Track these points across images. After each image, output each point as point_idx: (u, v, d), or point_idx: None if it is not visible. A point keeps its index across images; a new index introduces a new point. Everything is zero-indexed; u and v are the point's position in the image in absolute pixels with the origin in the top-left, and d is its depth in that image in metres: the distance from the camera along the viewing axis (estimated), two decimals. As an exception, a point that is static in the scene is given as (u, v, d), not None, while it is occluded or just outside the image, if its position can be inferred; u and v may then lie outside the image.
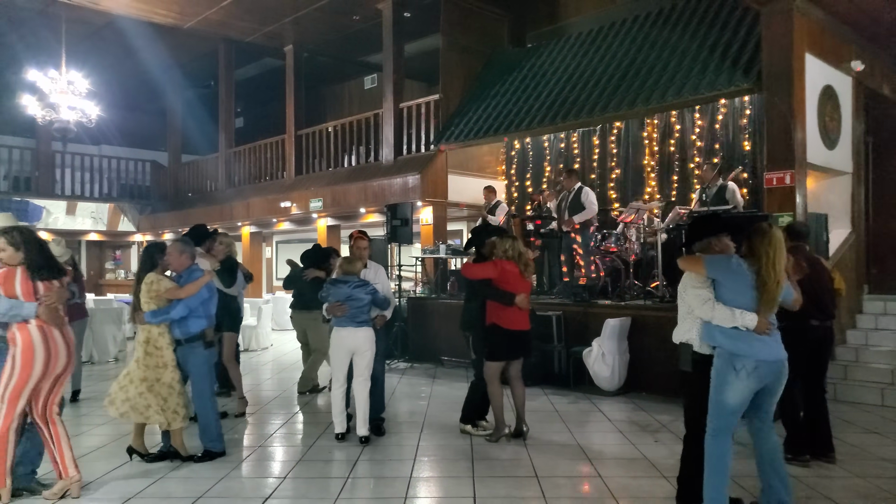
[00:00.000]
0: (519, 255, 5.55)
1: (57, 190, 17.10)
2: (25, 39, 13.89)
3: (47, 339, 4.07)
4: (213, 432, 5.14)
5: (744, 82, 7.95)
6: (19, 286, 4.04)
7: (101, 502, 4.25)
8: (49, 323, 4.07)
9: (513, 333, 5.52)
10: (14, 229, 4.17)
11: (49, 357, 4.07)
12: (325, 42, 14.46)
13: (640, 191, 10.60)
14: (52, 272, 4.18)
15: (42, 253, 4.18)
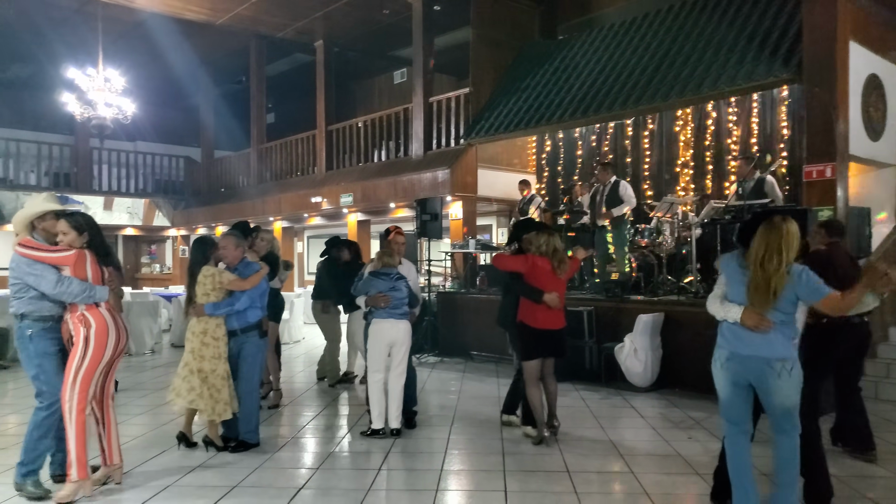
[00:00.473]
0: (553, 252, 5.31)
1: (95, 186, 17.45)
2: (64, 38, 14.19)
3: (116, 322, 4.17)
4: (252, 422, 5.19)
5: (783, 72, 7.77)
6: (90, 270, 4.10)
7: (138, 490, 4.32)
8: (114, 307, 4.20)
9: (540, 332, 5.31)
10: (76, 213, 4.21)
11: (118, 339, 4.18)
12: (355, 37, 14.50)
13: (674, 185, 10.45)
14: (111, 258, 4.31)
15: (103, 238, 4.28)
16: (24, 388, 7.91)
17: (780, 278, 3.45)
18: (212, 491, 4.29)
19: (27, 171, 16.60)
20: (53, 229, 4.14)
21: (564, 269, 5.38)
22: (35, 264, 4.04)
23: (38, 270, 4.02)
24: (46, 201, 4.27)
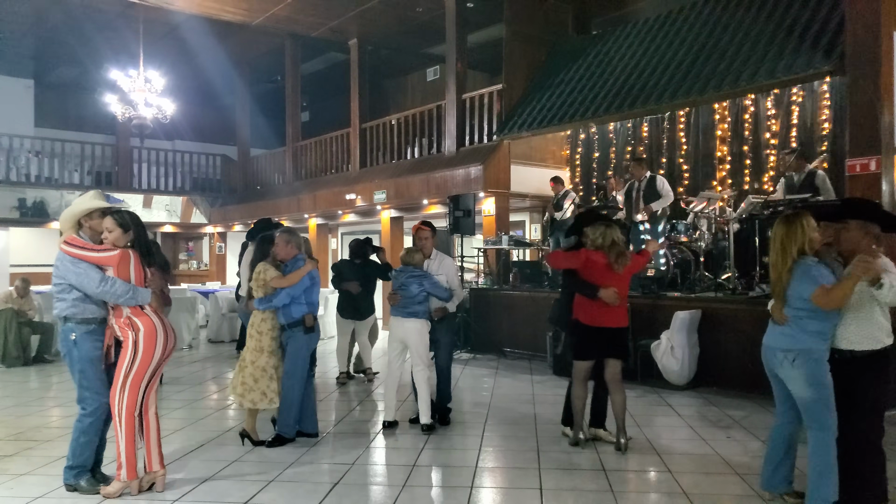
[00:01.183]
0: (611, 245, 4.95)
1: (134, 184, 17.81)
2: (107, 41, 14.52)
3: (164, 325, 4.10)
4: (290, 417, 5.22)
5: (824, 64, 7.59)
6: (133, 270, 3.99)
7: (176, 484, 4.40)
8: (158, 309, 4.12)
9: (593, 330, 4.99)
10: (122, 210, 4.12)
11: (166, 342, 4.10)
12: (389, 35, 14.55)
13: (711, 180, 10.29)
14: (155, 258, 4.23)
15: (147, 237, 4.20)
16: (68, 381, 8.11)
17: (785, 273, 3.63)
18: (249, 485, 4.36)
19: (71, 170, 17.02)
20: (100, 227, 4.07)
21: (623, 263, 4.95)
22: (80, 263, 3.97)
23: (83, 269, 3.96)
24: (93, 198, 4.17)
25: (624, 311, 5.14)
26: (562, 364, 8.13)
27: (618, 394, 5.08)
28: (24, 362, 9.36)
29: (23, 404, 6.95)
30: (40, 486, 4.32)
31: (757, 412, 6.35)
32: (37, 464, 4.80)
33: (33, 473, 4.59)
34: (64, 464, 4.22)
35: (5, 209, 15.96)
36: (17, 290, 9.77)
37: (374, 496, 4.23)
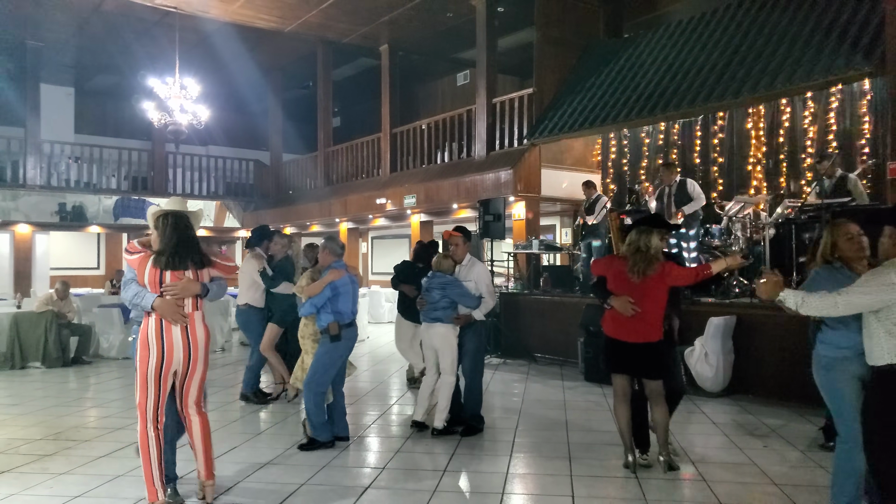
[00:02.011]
0: (634, 252, 4.56)
1: (170, 189, 18.14)
2: (145, 48, 14.86)
3: (162, 334, 3.77)
4: (312, 420, 5.27)
5: (865, 65, 7.44)
6: (147, 274, 3.81)
7: (212, 484, 4.46)
8: (164, 316, 3.77)
9: (615, 343, 4.67)
10: (168, 214, 3.90)
11: (163, 353, 3.77)
12: (419, 40, 14.62)
13: (746, 184, 10.13)
14: (183, 261, 3.85)
15: (179, 241, 3.86)
16: (105, 382, 8.31)
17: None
18: (280, 488, 4.39)
19: (108, 175, 17.42)
20: None
21: (641, 272, 4.50)
22: (130, 267, 3.95)
23: (128, 273, 3.96)
24: (170, 203, 4.05)
25: (648, 326, 4.58)
26: (594, 370, 8.06)
27: (657, 412, 4.70)
28: (63, 363, 9.57)
29: (62, 404, 7.10)
30: (79, 485, 4.41)
31: (794, 421, 6.21)
32: (76, 463, 4.90)
33: (72, 473, 4.69)
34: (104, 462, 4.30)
35: (46, 214, 16.39)
36: (57, 293, 10.00)
37: (405, 501, 4.23)
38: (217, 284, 4.04)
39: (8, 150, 15.72)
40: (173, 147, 16.99)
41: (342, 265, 5.36)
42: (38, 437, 5.65)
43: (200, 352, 3.88)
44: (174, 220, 3.89)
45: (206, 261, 3.95)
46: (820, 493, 4.25)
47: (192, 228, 3.96)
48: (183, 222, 3.92)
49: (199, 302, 3.92)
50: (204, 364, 3.94)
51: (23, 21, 13.90)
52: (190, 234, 3.92)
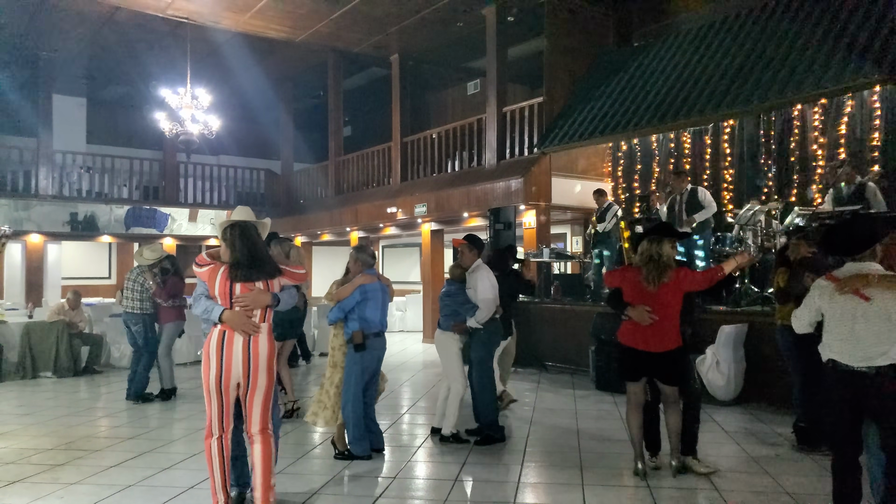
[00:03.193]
0: (647, 261, 4.62)
1: (181, 198, 18.25)
2: (156, 59, 14.99)
3: (223, 348, 3.68)
4: (350, 433, 5.18)
5: (875, 73, 7.40)
6: (218, 287, 3.73)
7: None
8: (235, 328, 3.69)
9: (628, 351, 4.74)
10: (235, 226, 3.83)
11: (221, 366, 3.68)
12: (430, 49, 14.68)
13: (757, 192, 10.08)
14: (253, 273, 3.75)
15: (250, 253, 3.78)
16: (116, 392, 8.35)
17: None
18: (293, 497, 4.39)
19: (120, 184, 17.53)
20: None
21: (656, 280, 4.56)
22: (200, 281, 3.86)
23: (199, 288, 3.87)
24: (237, 213, 3.95)
25: (665, 334, 4.62)
26: (605, 379, 8.02)
27: (671, 416, 4.76)
28: (74, 373, 9.62)
29: (73, 414, 7.13)
30: (90, 495, 4.43)
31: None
32: (86, 473, 4.92)
33: (83, 483, 4.70)
34: (115, 472, 4.31)
35: (58, 223, 16.50)
36: (68, 303, 10.06)
37: (416, 510, 4.22)
38: (287, 293, 3.95)
39: (20, 160, 15.85)
40: (184, 157, 17.09)
41: (374, 273, 5.29)
42: (49, 447, 5.68)
43: (262, 366, 3.72)
44: (241, 230, 3.81)
45: (276, 270, 3.85)
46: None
47: (260, 238, 3.88)
48: (251, 232, 3.84)
49: (267, 314, 3.80)
50: (267, 380, 3.74)
51: (36, 32, 14.06)
52: (259, 245, 3.84)
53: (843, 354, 3.57)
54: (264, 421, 3.77)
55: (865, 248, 3.61)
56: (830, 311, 3.65)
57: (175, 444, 5.81)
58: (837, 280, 3.63)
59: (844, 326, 3.57)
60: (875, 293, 3.48)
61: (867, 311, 3.50)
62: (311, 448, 5.41)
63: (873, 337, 3.47)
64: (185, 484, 4.63)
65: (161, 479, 4.78)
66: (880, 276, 3.51)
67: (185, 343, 10.82)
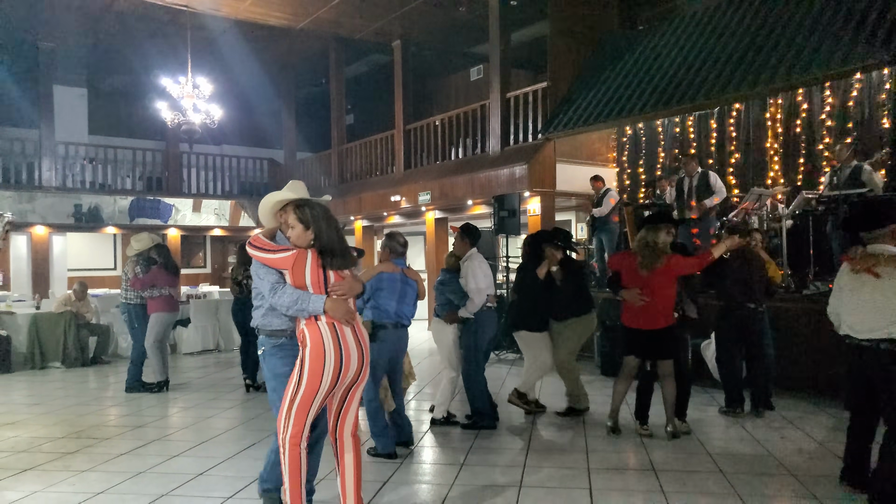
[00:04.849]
0: (643, 247, 5.18)
1: (184, 189, 18.24)
2: (157, 48, 14.94)
3: (339, 340, 3.28)
4: (370, 428, 5.05)
5: (884, 55, 7.32)
6: (309, 274, 3.31)
7: (228, 481, 4.50)
8: (339, 320, 3.29)
9: (630, 330, 5.36)
10: (307, 203, 3.43)
11: (341, 361, 3.27)
12: (432, 35, 14.61)
13: (763, 175, 10.04)
14: (345, 260, 3.40)
15: (340, 237, 3.41)
16: (124, 382, 8.38)
17: None
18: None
19: (123, 175, 17.51)
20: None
21: (649, 265, 5.11)
22: (261, 266, 3.45)
23: (263, 273, 3.43)
24: (288, 190, 3.58)
25: (658, 314, 5.18)
26: (610, 364, 8.03)
27: (667, 388, 5.34)
28: (82, 363, 9.68)
29: (83, 403, 7.18)
30: (101, 482, 4.46)
31: (811, 412, 6.18)
32: (98, 461, 4.95)
33: (94, 470, 4.74)
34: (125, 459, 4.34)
35: (62, 215, 16.54)
36: (75, 294, 10.11)
37: (423, 495, 4.24)
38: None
39: (23, 152, 15.85)
40: (187, 147, 17.07)
41: (402, 264, 5.10)
42: (59, 436, 5.72)
43: (367, 357, 3.40)
44: (325, 211, 3.43)
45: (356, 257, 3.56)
46: (835, 484, 4.22)
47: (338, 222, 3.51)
48: (330, 213, 3.48)
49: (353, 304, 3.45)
50: (367, 372, 3.42)
51: (35, 22, 14.03)
52: (341, 229, 3.48)
53: (853, 328, 3.90)
54: (356, 421, 3.44)
55: (877, 226, 3.91)
56: (847, 289, 4.00)
57: (184, 433, 5.85)
58: (852, 260, 3.99)
59: (855, 302, 3.90)
60: (885, 271, 3.77)
61: (876, 287, 3.80)
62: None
63: (878, 312, 3.76)
64: (195, 471, 4.67)
65: (171, 466, 4.82)
66: (889, 256, 3.79)
67: (192, 333, 10.88)
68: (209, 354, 10.57)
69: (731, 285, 6.09)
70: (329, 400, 3.35)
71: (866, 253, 3.90)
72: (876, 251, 3.86)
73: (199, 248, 20.78)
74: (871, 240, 3.93)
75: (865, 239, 3.98)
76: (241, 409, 6.78)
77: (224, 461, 4.91)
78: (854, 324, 3.90)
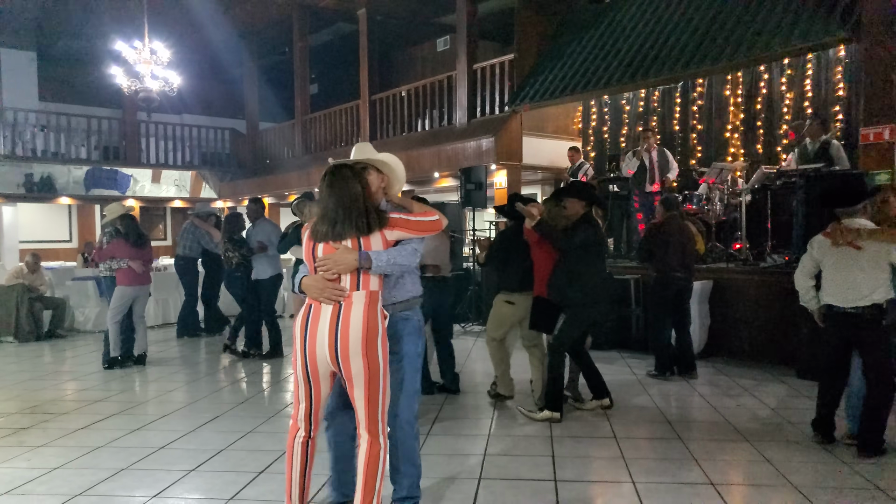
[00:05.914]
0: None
1: (143, 159, 17.76)
2: (110, 11, 14.39)
3: (307, 323, 2.91)
4: None
5: (840, 31, 7.44)
6: (304, 248, 3.03)
7: (190, 453, 4.47)
8: (312, 297, 2.92)
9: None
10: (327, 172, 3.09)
11: (305, 346, 2.90)
12: (398, 4, 14.36)
13: (724, 150, 10.20)
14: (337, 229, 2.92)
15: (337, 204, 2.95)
16: (82, 356, 8.24)
17: None
18: (264, 455, 4.41)
19: (77, 144, 16.91)
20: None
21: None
22: None
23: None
24: (356, 151, 3.29)
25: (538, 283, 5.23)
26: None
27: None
28: (37, 337, 9.44)
29: (37, 378, 7.02)
30: (58, 457, 4.37)
31: (767, 381, 6.36)
32: (53, 436, 4.85)
33: (50, 445, 4.64)
34: (83, 434, 4.25)
35: (12, 185, 15.94)
36: (27, 266, 9.83)
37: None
38: (399, 250, 2.98)
39: (-31, 118, 15.24)
40: (145, 115, 16.60)
41: None
42: (13, 411, 5.59)
43: (354, 348, 2.82)
44: (331, 176, 3.02)
45: (376, 221, 2.95)
46: (788, 448, 4.41)
47: (354, 183, 2.99)
48: (343, 176, 3.01)
49: (361, 279, 2.89)
50: (365, 366, 2.83)
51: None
52: (353, 192, 2.95)
53: (838, 298, 4.25)
54: (372, 420, 2.90)
55: (857, 202, 4.30)
56: (828, 263, 4.31)
57: (145, 406, 5.77)
58: (831, 235, 4.27)
59: (840, 274, 4.24)
60: (865, 244, 4.13)
61: (859, 259, 4.15)
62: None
63: (862, 282, 4.15)
64: (157, 444, 4.61)
65: (131, 440, 4.75)
66: (870, 230, 4.17)
67: (152, 306, 10.68)
68: (170, 328, 10.41)
69: (671, 256, 6.37)
70: (315, 387, 2.94)
71: (846, 228, 4.20)
72: (854, 225, 4.20)
73: (160, 220, 20.35)
74: (846, 215, 4.27)
75: (841, 214, 4.30)
76: (204, 383, 6.71)
77: (186, 434, 4.86)
78: (839, 295, 4.24)
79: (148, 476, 4.02)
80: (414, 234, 3.04)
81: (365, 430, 2.90)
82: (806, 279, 4.47)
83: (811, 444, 4.47)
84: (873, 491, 3.68)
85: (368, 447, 2.89)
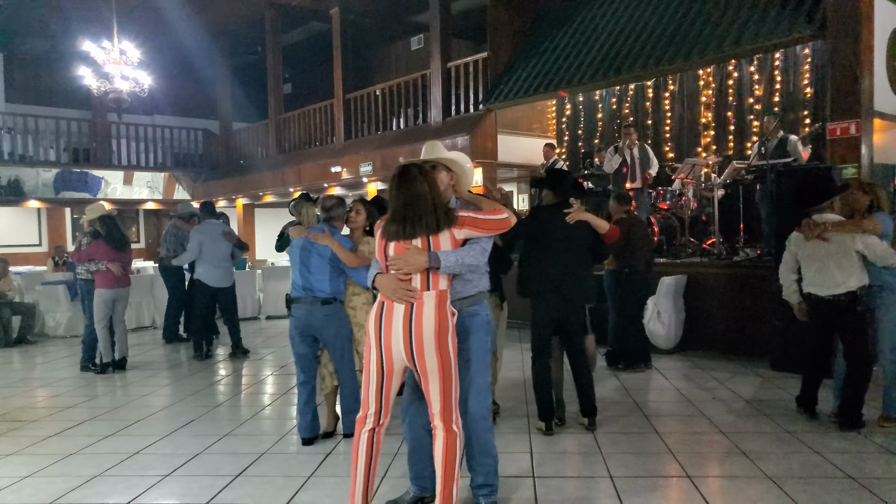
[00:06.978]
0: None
1: (114, 161, 17.50)
2: (78, 11, 14.14)
3: (381, 319, 3.01)
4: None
5: (807, 28, 7.55)
6: (376, 247, 3.15)
7: (166, 458, 4.41)
8: (386, 296, 3.01)
9: None
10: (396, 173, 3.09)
11: (380, 341, 3.01)
12: (371, 2, 14.31)
13: (696, 146, 10.31)
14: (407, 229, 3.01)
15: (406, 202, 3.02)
16: (53, 361, 8.10)
17: None
18: (242, 458, 4.37)
19: (46, 146, 16.61)
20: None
21: None
22: None
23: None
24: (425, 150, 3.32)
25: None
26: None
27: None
28: (6, 343, 9.25)
29: (7, 385, 6.88)
30: (29, 465, 4.30)
31: (741, 374, 6.45)
32: (23, 444, 4.76)
33: (20, 453, 4.56)
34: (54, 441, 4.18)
35: (-22, 188, 15.66)
36: (-4, 270, 9.62)
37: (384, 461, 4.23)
38: (468, 250, 3.04)
39: (-66, 120, 14.89)
40: (116, 117, 16.34)
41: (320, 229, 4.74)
42: (-17, 418, 5.48)
43: (428, 345, 2.94)
44: (399, 175, 3.07)
45: (445, 220, 3.00)
46: (763, 438, 4.48)
47: (422, 182, 3.03)
48: (410, 175, 3.04)
49: (431, 279, 2.98)
50: (439, 362, 2.95)
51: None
52: (423, 191, 3.00)
53: (816, 286, 4.65)
54: (446, 412, 3.01)
55: (825, 200, 4.67)
56: (803, 256, 4.73)
57: (118, 412, 5.68)
58: (803, 230, 4.65)
59: (815, 265, 4.64)
60: (832, 236, 4.52)
61: (828, 250, 4.54)
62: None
63: (835, 271, 4.52)
64: (131, 450, 4.55)
65: (104, 446, 4.68)
66: (834, 223, 4.55)
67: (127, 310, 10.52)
68: (144, 331, 10.27)
69: (640, 252, 6.60)
70: (387, 381, 3.04)
71: (814, 222, 4.60)
72: (821, 220, 4.60)
73: (132, 223, 20.07)
74: (815, 211, 4.67)
75: (811, 211, 4.68)
76: (179, 386, 6.63)
77: (161, 439, 4.80)
78: (816, 284, 4.64)
79: (121, 482, 3.97)
80: (482, 232, 3.09)
81: (440, 421, 3.02)
82: (789, 273, 4.87)
83: (785, 434, 4.55)
84: (843, 480, 3.75)
85: (445, 436, 3.01)
